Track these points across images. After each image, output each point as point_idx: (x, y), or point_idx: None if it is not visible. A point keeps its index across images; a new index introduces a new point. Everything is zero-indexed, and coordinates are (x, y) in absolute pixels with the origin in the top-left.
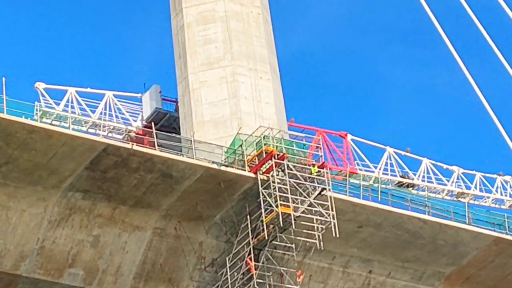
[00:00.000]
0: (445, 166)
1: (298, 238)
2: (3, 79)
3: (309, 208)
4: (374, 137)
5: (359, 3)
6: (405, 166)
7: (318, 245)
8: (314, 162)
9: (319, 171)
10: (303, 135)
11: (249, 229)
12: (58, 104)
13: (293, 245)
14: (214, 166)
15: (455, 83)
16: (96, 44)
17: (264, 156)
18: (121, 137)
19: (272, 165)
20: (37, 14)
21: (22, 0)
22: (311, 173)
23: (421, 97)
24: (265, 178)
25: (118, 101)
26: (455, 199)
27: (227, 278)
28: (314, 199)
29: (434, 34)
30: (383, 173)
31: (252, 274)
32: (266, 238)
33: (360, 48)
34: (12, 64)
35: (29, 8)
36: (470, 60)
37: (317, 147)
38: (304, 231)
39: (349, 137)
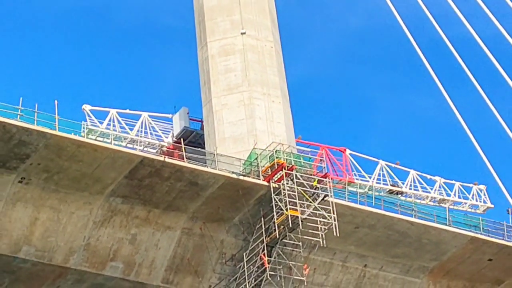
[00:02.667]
0: (429, 176)
1: (305, 237)
2: (56, 101)
3: (314, 211)
4: (368, 151)
5: (353, 37)
6: (395, 176)
7: (321, 243)
8: (316, 175)
9: (319, 181)
10: (309, 150)
11: (263, 229)
12: (101, 123)
13: (300, 243)
14: (234, 176)
15: (435, 105)
16: (134, 71)
17: (276, 167)
18: (154, 151)
19: (282, 175)
20: (83, 47)
21: (70, 36)
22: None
23: (408, 117)
24: (277, 186)
25: (152, 120)
26: (437, 204)
27: (244, 271)
28: (318, 204)
29: (417, 63)
30: (377, 182)
31: (266, 268)
32: (277, 237)
33: (355, 76)
34: (63, 89)
35: (77, 42)
36: (448, 86)
37: (320, 160)
38: (310, 231)
39: (348, 151)
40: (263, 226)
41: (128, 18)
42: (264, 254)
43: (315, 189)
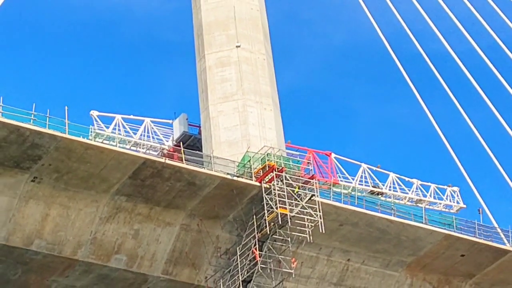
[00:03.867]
0: (407, 178)
1: (293, 233)
2: (66, 107)
3: (302, 210)
4: (352, 155)
5: (337, 51)
6: (376, 179)
7: (308, 238)
8: (304, 177)
9: (306, 182)
10: (297, 153)
11: (255, 226)
12: (108, 127)
13: (289, 239)
14: (228, 176)
15: (412, 114)
16: (138, 81)
17: (267, 169)
18: (156, 153)
19: (273, 176)
20: (92, 58)
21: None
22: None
23: (387, 124)
24: (268, 186)
25: (154, 125)
26: (414, 204)
27: (237, 264)
28: (305, 203)
29: (396, 75)
30: (359, 184)
31: (257, 261)
32: (268, 233)
33: (339, 86)
34: (73, 96)
35: (86, 53)
36: (424, 95)
37: (308, 163)
38: (298, 227)
39: (333, 155)
40: (255, 223)
41: (134, 32)
42: (255, 249)
43: (303, 189)
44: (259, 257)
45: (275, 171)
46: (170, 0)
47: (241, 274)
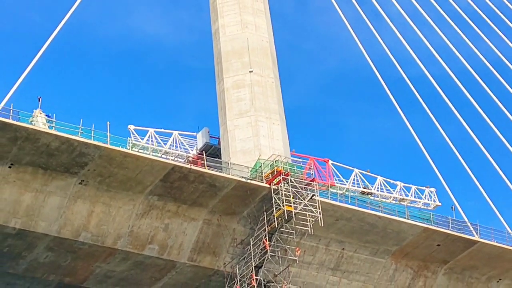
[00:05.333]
0: (391, 181)
1: (297, 226)
2: (108, 122)
3: (304, 207)
4: (346, 162)
5: (332, 74)
6: (366, 181)
7: (309, 231)
8: (306, 180)
9: (308, 184)
10: (301, 160)
11: (265, 220)
12: (142, 139)
13: (294, 231)
14: (243, 180)
15: (396, 127)
16: (168, 100)
17: (275, 173)
18: (183, 160)
19: (280, 179)
20: (130, 81)
21: (120, 72)
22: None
23: (375, 136)
24: (276, 187)
25: (181, 137)
26: (398, 202)
27: (250, 252)
28: (307, 201)
29: (381, 95)
30: (352, 185)
31: (267, 250)
32: (276, 226)
33: (334, 104)
34: (113, 113)
35: (125, 77)
36: (405, 111)
37: (309, 168)
38: (301, 222)
39: (330, 162)
40: (265, 218)
41: (164, 60)
42: (266, 240)
43: (305, 190)
44: (269, 246)
45: (282, 175)
46: (193, 32)
47: (254, 261)
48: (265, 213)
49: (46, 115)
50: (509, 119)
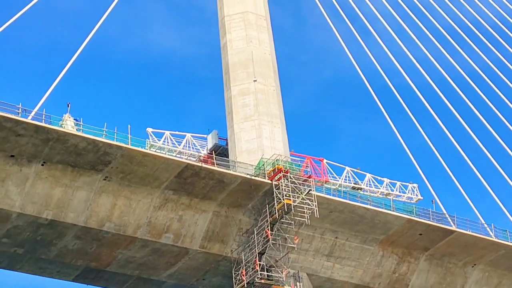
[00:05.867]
0: (379, 177)
1: (295, 217)
2: (129, 126)
3: (302, 201)
4: (338, 160)
5: (326, 83)
6: (356, 178)
7: (306, 221)
8: (303, 176)
9: (305, 180)
10: (299, 159)
11: (267, 212)
12: (159, 140)
13: (293, 222)
14: (248, 176)
15: (382, 130)
16: (182, 105)
17: (276, 171)
18: (195, 159)
19: (281, 176)
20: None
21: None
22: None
23: (364, 138)
24: (277, 183)
25: (193, 139)
26: (384, 196)
27: (254, 240)
28: (304, 195)
29: (370, 101)
30: (344, 181)
31: (269, 238)
32: (277, 217)
33: (328, 109)
34: (133, 117)
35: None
36: (391, 115)
37: (306, 166)
38: (299, 213)
39: (325, 161)
40: (267, 210)
41: (178, 70)
42: (268, 229)
43: (302, 185)
44: (270, 235)
45: (282, 172)
46: (204, 46)
47: (257, 248)
48: (267, 205)
49: (74, 119)
50: (482, 122)
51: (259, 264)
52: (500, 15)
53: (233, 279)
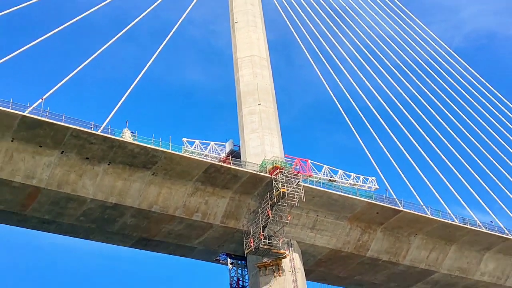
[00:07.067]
0: (348, 173)
1: (288, 201)
2: (170, 136)
3: (293, 189)
4: (319, 160)
5: (309, 105)
6: (331, 173)
7: (296, 204)
8: (293, 172)
9: (295, 175)
10: (291, 160)
11: (268, 198)
12: (191, 146)
13: (286, 205)
14: (255, 172)
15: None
16: (208, 123)
17: (275, 168)
18: (217, 160)
19: (278, 172)
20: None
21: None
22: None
23: (337, 145)
24: (275, 177)
25: (216, 145)
26: (352, 186)
27: (259, 218)
28: (295, 186)
29: (340, 118)
30: (323, 176)
31: (270, 216)
32: (275, 201)
33: (310, 125)
34: (173, 130)
35: (180, 109)
36: (356, 128)
37: (296, 165)
38: (291, 198)
39: (309, 161)
40: (268, 196)
41: (204, 97)
42: (269, 210)
43: (293, 178)
44: (271, 214)
45: (279, 169)
46: (222, 80)
47: (261, 223)
48: (268, 193)
49: (131, 132)
50: (419, 131)
51: (263, 235)
52: (432, 56)
53: (244, 245)
